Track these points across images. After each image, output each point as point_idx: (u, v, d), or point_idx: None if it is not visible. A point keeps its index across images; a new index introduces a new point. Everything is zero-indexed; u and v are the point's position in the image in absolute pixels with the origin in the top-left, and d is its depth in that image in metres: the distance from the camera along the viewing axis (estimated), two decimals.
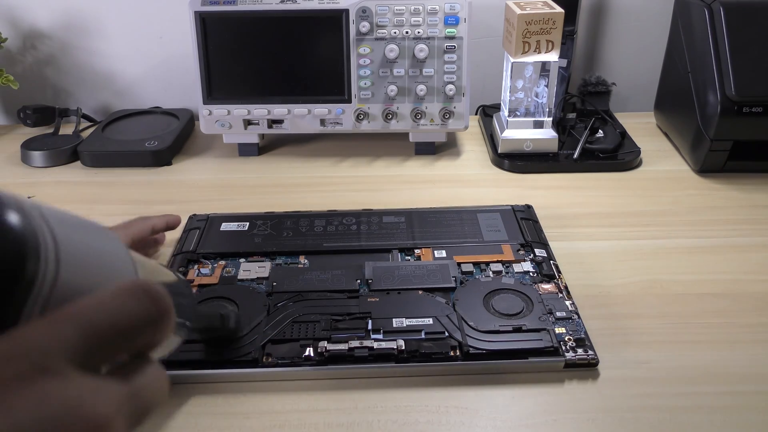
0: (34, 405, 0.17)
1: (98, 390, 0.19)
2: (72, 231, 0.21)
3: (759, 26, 0.72)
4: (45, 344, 0.19)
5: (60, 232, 0.20)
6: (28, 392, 0.18)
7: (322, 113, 0.80)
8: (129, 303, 0.21)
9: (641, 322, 0.53)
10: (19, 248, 0.19)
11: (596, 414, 0.44)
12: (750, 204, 0.71)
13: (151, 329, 0.22)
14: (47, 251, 0.19)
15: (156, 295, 0.22)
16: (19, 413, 0.17)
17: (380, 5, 0.76)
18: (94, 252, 0.23)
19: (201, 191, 0.77)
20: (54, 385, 0.18)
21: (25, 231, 0.19)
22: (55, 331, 0.19)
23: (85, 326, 0.20)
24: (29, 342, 0.18)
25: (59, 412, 0.18)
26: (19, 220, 0.19)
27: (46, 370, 0.18)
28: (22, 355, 0.18)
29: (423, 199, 0.74)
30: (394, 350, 0.47)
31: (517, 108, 0.81)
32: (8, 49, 0.97)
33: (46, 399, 0.18)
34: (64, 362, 0.19)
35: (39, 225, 0.19)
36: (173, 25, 0.96)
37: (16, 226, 0.19)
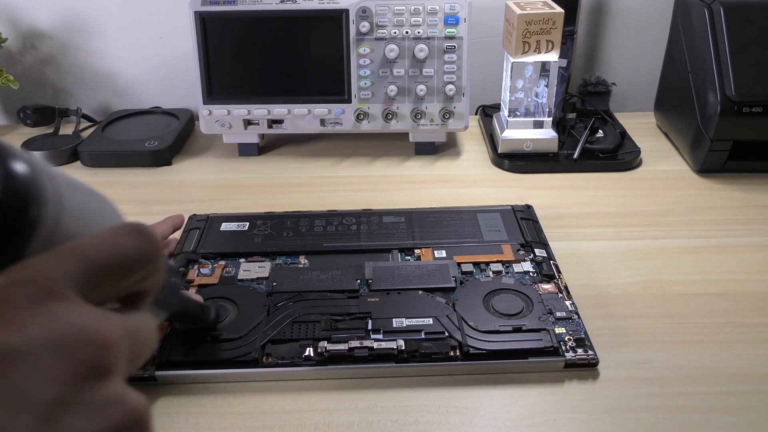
0: (46, 324, 0.19)
1: (103, 317, 0.21)
2: (73, 187, 0.24)
3: (759, 26, 0.72)
4: (52, 272, 0.20)
5: (63, 185, 0.23)
6: (40, 313, 0.19)
7: (322, 113, 0.80)
8: (124, 239, 0.23)
9: (641, 322, 0.53)
10: (25, 193, 0.21)
11: (596, 414, 0.44)
12: (750, 204, 0.71)
13: (145, 266, 0.23)
14: (49, 198, 0.22)
15: (149, 234, 0.24)
16: (32, 330, 0.18)
17: (380, 5, 0.76)
18: (91, 205, 0.25)
19: (201, 191, 0.77)
20: (63, 308, 0.19)
21: (31, 179, 0.21)
22: (60, 262, 0.21)
23: (87, 259, 0.21)
24: (38, 270, 0.20)
25: (69, 330, 0.19)
26: (26, 170, 0.21)
27: (55, 294, 0.20)
28: (33, 281, 0.20)
29: (423, 199, 0.74)
30: (394, 350, 0.47)
31: (517, 108, 0.81)
32: (8, 49, 0.97)
33: (57, 319, 0.19)
34: (70, 290, 0.20)
35: (43, 176, 0.22)
36: (173, 25, 0.96)
37: (24, 174, 0.21)
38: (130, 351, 0.21)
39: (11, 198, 0.20)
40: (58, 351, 0.19)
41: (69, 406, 0.18)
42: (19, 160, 0.21)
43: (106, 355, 0.20)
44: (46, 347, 0.18)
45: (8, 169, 0.21)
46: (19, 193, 0.21)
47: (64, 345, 0.19)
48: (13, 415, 0.17)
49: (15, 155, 0.21)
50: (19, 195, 0.21)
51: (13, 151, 0.22)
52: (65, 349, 0.19)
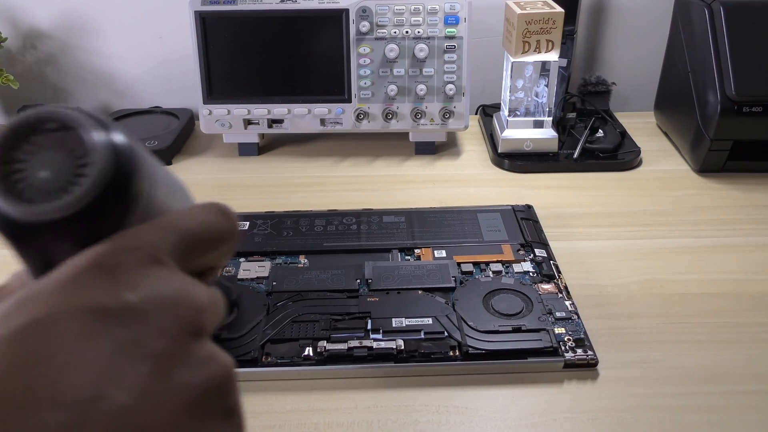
0: (155, 286, 0.20)
1: (197, 284, 0.22)
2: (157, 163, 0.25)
3: (759, 26, 0.72)
4: (154, 241, 0.22)
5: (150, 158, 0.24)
6: (149, 276, 0.21)
7: (322, 113, 0.80)
8: (211, 216, 0.25)
9: (641, 322, 0.53)
10: (131, 165, 0.21)
11: (596, 414, 0.44)
12: (750, 204, 0.70)
13: (225, 241, 0.25)
14: (147, 171, 0.23)
15: (230, 213, 0.26)
16: (145, 289, 0.20)
17: (380, 5, 0.76)
18: (172, 181, 0.27)
19: (201, 191, 0.77)
20: (166, 273, 0.21)
21: (134, 151, 0.22)
22: (159, 233, 0.22)
23: (181, 231, 0.23)
24: (142, 239, 0.21)
25: (174, 292, 0.21)
26: (128, 142, 0.22)
27: (159, 260, 0.21)
28: (140, 248, 0.21)
29: (423, 199, 0.74)
30: (394, 350, 0.47)
31: (517, 108, 0.81)
32: (8, 48, 0.97)
33: (163, 282, 0.21)
34: (170, 258, 0.22)
35: (140, 149, 0.23)
36: (173, 25, 0.96)
37: (128, 146, 0.22)
38: (213, 314, 0.23)
39: (120, 170, 0.21)
40: (167, 310, 0.20)
41: (178, 359, 0.20)
42: (120, 132, 0.22)
43: (203, 317, 0.21)
44: (158, 306, 0.20)
45: (114, 139, 0.21)
46: (126, 166, 0.21)
47: (172, 305, 0.20)
48: (132, 362, 0.18)
49: (115, 126, 0.22)
50: (126, 167, 0.21)
51: (113, 123, 0.22)
52: (173, 309, 0.20)
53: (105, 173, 0.21)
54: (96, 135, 0.21)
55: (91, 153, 0.21)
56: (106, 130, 0.21)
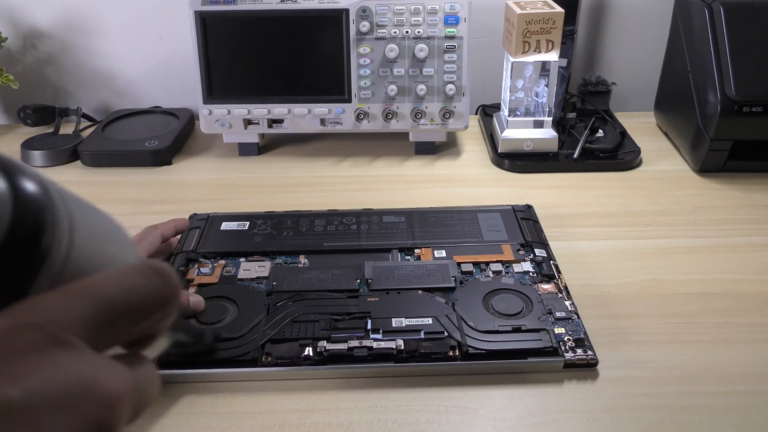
0: (50, 375, 0.17)
1: (111, 368, 0.19)
2: (85, 211, 0.21)
3: (759, 26, 0.72)
4: (59, 316, 0.18)
5: (75, 210, 0.20)
6: (44, 362, 0.17)
7: (322, 113, 0.80)
8: (140, 280, 0.21)
9: (641, 322, 0.53)
10: (38, 219, 0.18)
11: (596, 414, 0.44)
12: (750, 204, 0.70)
13: (159, 309, 0.22)
14: (63, 226, 0.19)
15: (166, 275, 0.22)
16: (34, 382, 0.17)
17: (380, 5, 0.76)
18: (104, 234, 0.22)
19: (201, 191, 0.77)
20: (68, 357, 0.18)
21: (44, 203, 0.18)
22: (68, 304, 0.19)
23: (98, 301, 0.19)
24: (43, 313, 0.18)
25: (75, 383, 0.17)
26: (38, 191, 0.18)
27: (61, 342, 0.18)
28: (36, 325, 0.18)
29: (423, 198, 0.74)
30: (394, 350, 0.47)
31: (517, 108, 0.81)
32: (8, 48, 0.97)
33: (61, 370, 0.17)
34: (76, 336, 0.18)
35: (56, 199, 0.19)
36: (173, 25, 0.96)
37: (36, 196, 0.18)
38: (134, 403, 0.20)
39: (21, 224, 0.18)
40: (61, 407, 0.17)
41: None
42: (29, 179, 0.19)
43: (111, 413, 0.18)
44: (49, 402, 0.17)
45: (18, 188, 0.18)
46: (31, 219, 0.18)
47: (69, 401, 0.17)
48: None
49: (24, 172, 0.19)
50: (31, 221, 0.18)
51: (22, 168, 0.19)
52: (68, 406, 0.17)
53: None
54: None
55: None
56: (10, 177, 0.18)
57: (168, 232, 0.60)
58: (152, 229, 0.58)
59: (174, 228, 0.61)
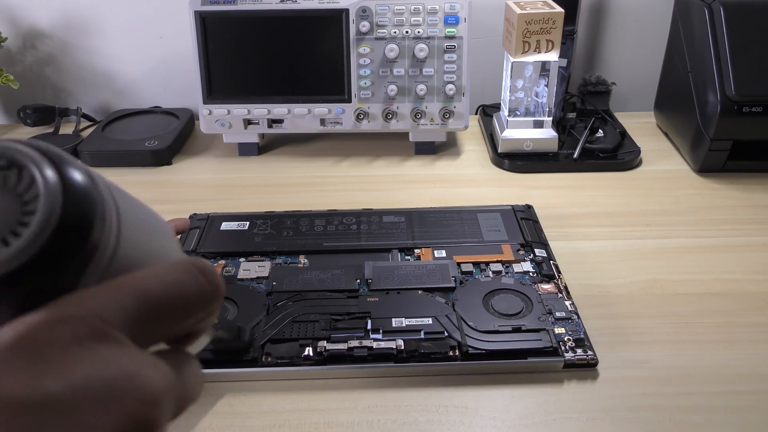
0: (92, 369, 0.17)
1: (153, 365, 0.19)
2: (131, 205, 0.21)
3: (759, 26, 0.72)
4: (104, 310, 0.18)
5: (121, 203, 0.20)
6: (86, 357, 0.17)
7: (322, 113, 0.80)
8: (185, 278, 0.21)
9: (641, 322, 0.53)
10: (88, 211, 0.18)
11: (596, 414, 0.44)
12: (750, 204, 0.70)
13: (203, 307, 0.22)
14: (111, 218, 0.19)
15: (210, 274, 0.22)
16: (76, 376, 0.16)
17: (380, 5, 0.76)
18: (150, 228, 0.22)
19: (201, 191, 0.77)
20: (112, 353, 0.18)
21: (93, 194, 0.18)
22: (113, 299, 0.19)
23: (143, 297, 0.19)
24: (88, 307, 0.18)
25: (116, 378, 0.17)
26: (87, 182, 0.18)
27: (105, 336, 0.18)
28: (82, 319, 0.18)
29: (423, 198, 0.74)
30: (394, 350, 0.47)
31: (517, 108, 0.81)
32: (8, 48, 0.97)
33: (104, 365, 0.17)
34: (121, 331, 0.18)
35: (105, 191, 0.19)
36: (173, 25, 0.96)
37: (85, 187, 0.18)
38: (176, 401, 0.20)
39: (72, 216, 0.17)
40: (103, 402, 0.17)
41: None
42: (78, 170, 0.18)
43: (154, 410, 0.18)
44: (90, 397, 0.16)
45: (68, 180, 0.18)
46: (81, 212, 0.18)
47: (110, 396, 0.17)
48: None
49: (73, 164, 0.18)
50: (81, 213, 0.18)
51: (71, 160, 0.18)
52: (110, 401, 0.17)
53: (49, 222, 0.17)
54: (46, 174, 0.17)
55: (38, 197, 0.17)
56: (59, 168, 0.18)
57: None
58: None
59: (174, 228, 0.61)
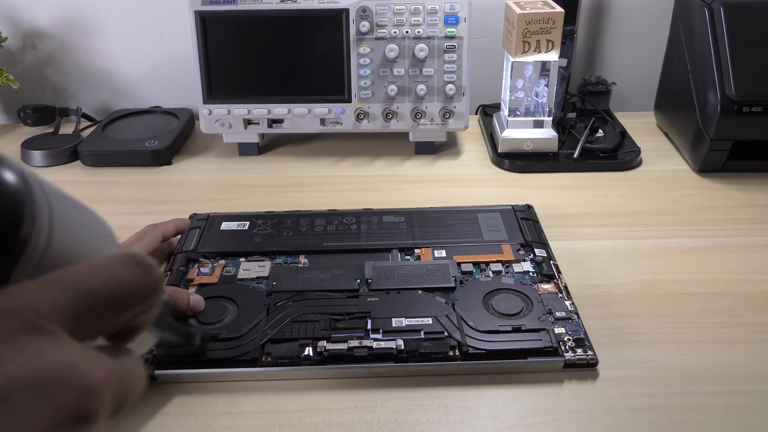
0: (26, 362, 0.17)
1: (90, 357, 0.19)
2: (67, 204, 0.21)
3: (759, 26, 0.72)
4: (38, 303, 0.18)
5: (55, 202, 0.20)
6: (20, 348, 0.17)
7: (322, 113, 0.80)
8: (122, 271, 0.21)
9: (641, 322, 0.53)
10: (16, 207, 0.18)
11: (596, 414, 0.44)
12: (750, 204, 0.71)
13: (141, 300, 0.21)
14: (42, 215, 0.19)
15: (149, 267, 0.22)
16: (10, 368, 0.16)
17: (380, 5, 0.76)
18: (85, 226, 0.23)
19: (201, 191, 0.77)
20: (47, 344, 0.18)
21: (22, 191, 0.19)
22: (48, 292, 0.19)
23: (78, 290, 0.19)
24: (21, 300, 0.18)
25: (51, 370, 0.17)
26: (16, 180, 0.19)
27: (39, 328, 0.18)
28: (15, 312, 0.18)
29: (423, 198, 0.74)
30: (394, 350, 0.47)
31: (517, 108, 0.81)
32: (8, 48, 0.97)
33: (39, 357, 0.17)
34: (56, 324, 0.18)
35: (36, 190, 0.19)
36: (173, 25, 0.96)
37: (13, 185, 0.19)
38: (116, 394, 0.20)
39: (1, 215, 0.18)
40: (38, 393, 0.17)
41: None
42: (8, 169, 0.19)
43: (90, 400, 0.18)
44: (25, 388, 0.16)
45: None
46: (8, 208, 0.18)
47: (45, 387, 0.17)
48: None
49: (5, 164, 0.19)
50: (8, 210, 0.18)
51: (4, 160, 0.19)
52: (46, 392, 0.17)
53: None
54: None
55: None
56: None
57: (168, 231, 0.60)
58: (152, 228, 0.58)
59: (175, 227, 0.61)
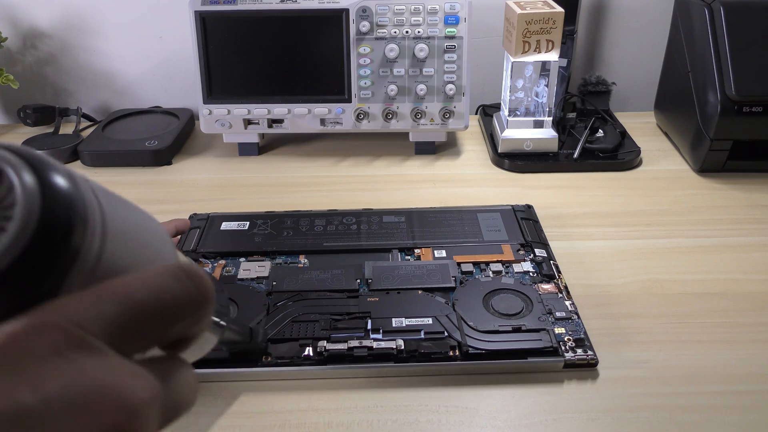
0: (68, 380, 0.16)
1: (136, 375, 0.18)
2: (119, 207, 0.21)
3: (759, 26, 0.72)
4: (83, 318, 0.18)
5: (107, 206, 0.20)
6: (63, 366, 0.16)
7: (322, 113, 0.80)
8: (171, 283, 0.20)
9: (641, 322, 0.53)
10: (69, 215, 0.17)
11: (596, 414, 0.44)
12: (750, 204, 0.70)
13: (190, 313, 0.21)
14: (95, 222, 0.18)
15: (198, 279, 0.21)
16: (51, 387, 0.16)
17: (380, 5, 0.76)
18: (139, 231, 0.22)
19: (201, 191, 0.77)
20: (91, 362, 0.17)
21: (74, 198, 0.18)
22: (94, 306, 0.18)
23: (125, 303, 0.19)
24: (67, 314, 0.17)
25: (94, 389, 0.17)
26: (69, 186, 0.18)
27: (83, 345, 0.17)
28: (60, 328, 0.17)
29: (423, 198, 0.74)
30: (394, 350, 0.47)
31: (517, 107, 0.81)
32: (8, 48, 0.97)
33: (82, 375, 0.17)
34: (101, 339, 0.18)
35: (88, 194, 0.18)
36: (173, 25, 0.96)
37: (66, 191, 0.18)
38: (165, 410, 0.19)
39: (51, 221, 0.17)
40: (79, 414, 0.16)
41: None
42: (59, 174, 0.18)
43: (133, 421, 0.17)
44: (66, 409, 0.16)
45: (48, 184, 0.17)
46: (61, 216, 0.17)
47: (87, 407, 0.16)
48: None
49: (54, 168, 0.18)
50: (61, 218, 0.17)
51: (52, 164, 0.18)
52: (87, 413, 0.16)
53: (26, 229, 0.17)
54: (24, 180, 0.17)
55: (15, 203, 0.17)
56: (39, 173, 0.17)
57: (169, 231, 0.60)
58: None
59: (174, 228, 0.61)
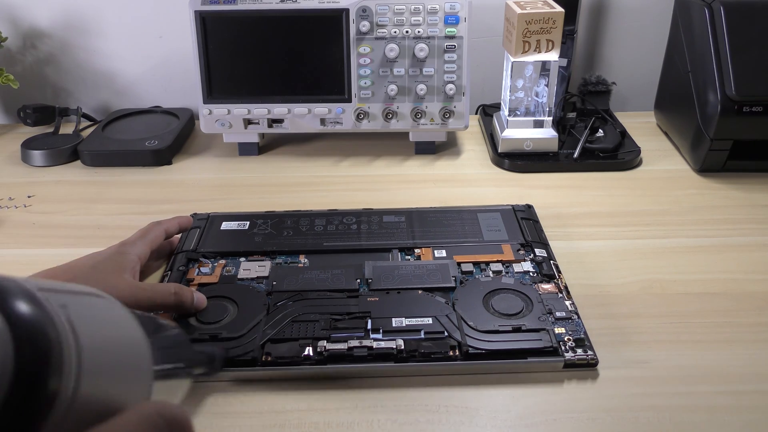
0: None
1: None
2: (93, 325, 0.19)
3: (759, 26, 0.72)
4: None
5: (83, 333, 0.18)
6: None
7: (322, 113, 0.80)
8: (149, 429, 0.20)
9: (641, 322, 0.53)
10: (43, 360, 0.16)
11: (596, 414, 0.44)
12: (750, 203, 0.70)
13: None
14: (71, 362, 0.17)
15: (174, 421, 0.21)
16: None
17: (380, 5, 0.76)
18: (114, 349, 0.20)
19: (201, 190, 0.77)
20: None
21: (49, 340, 0.16)
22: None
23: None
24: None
25: None
26: (41, 323, 0.16)
27: None
28: None
29: (423, 198, 0.74)
30: (394, 350, 0.47)
31: (517, 107, 0.81)
32: (8, 48, 0.97)
33: None
34: None
35: (63, 329, 0.17)
36: (173, 25, 0.96)
37: (32, 321, 0.16)
38: None
39: (23, 369, 0.16)
40: None
41: None
42: (20, 299, 0.16)
43: None
44: None
45: (20, 328, 0.16)
46: (35, 362, 0.16)
47: None
48: None
49: (12, 292, 0.16)
50: (35, 364, 0.16)
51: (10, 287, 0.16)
52: None
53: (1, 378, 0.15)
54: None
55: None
56: (10, 310, 0.16)
57: (172, 228, 0.60)
58: (156, 225, 0.58)
59: (178, 225, 0.61)
